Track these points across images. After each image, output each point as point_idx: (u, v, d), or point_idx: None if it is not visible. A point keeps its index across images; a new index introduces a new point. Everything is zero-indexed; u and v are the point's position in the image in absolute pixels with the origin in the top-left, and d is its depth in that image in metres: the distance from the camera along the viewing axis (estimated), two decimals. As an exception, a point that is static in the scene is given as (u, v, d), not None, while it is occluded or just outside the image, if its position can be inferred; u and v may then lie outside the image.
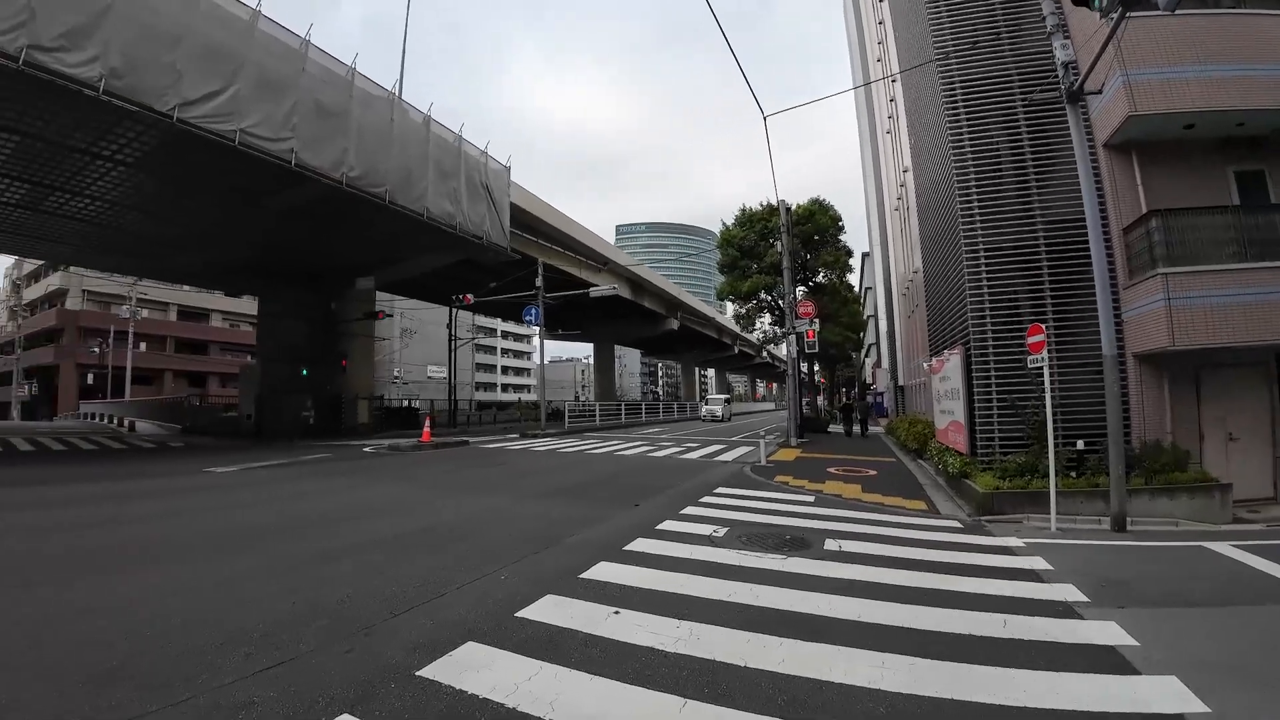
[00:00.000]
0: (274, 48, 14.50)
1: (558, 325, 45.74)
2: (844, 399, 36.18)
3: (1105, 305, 7.41)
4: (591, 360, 64.88)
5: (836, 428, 26.30)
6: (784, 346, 24.38)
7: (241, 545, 6.01)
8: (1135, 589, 4.79)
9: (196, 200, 17.87)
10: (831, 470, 12.60)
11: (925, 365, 15.49)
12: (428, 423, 20.04)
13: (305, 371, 23.47)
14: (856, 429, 24.37)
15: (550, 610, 4.12)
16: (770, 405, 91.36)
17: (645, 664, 3.33)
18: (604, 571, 5.07)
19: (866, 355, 47.09)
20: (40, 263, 44.64)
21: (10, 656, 3.31)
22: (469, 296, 25.39)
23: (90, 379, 43.58)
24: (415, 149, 18.31)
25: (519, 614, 4.04)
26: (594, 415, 32.73)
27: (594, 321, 45.19)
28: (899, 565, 5.41)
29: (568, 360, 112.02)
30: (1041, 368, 7.60)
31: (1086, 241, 7.83)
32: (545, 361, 28.60)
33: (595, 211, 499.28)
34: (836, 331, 30.16)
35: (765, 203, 27.72)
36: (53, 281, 47.56)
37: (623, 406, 37.87)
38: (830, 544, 6.19)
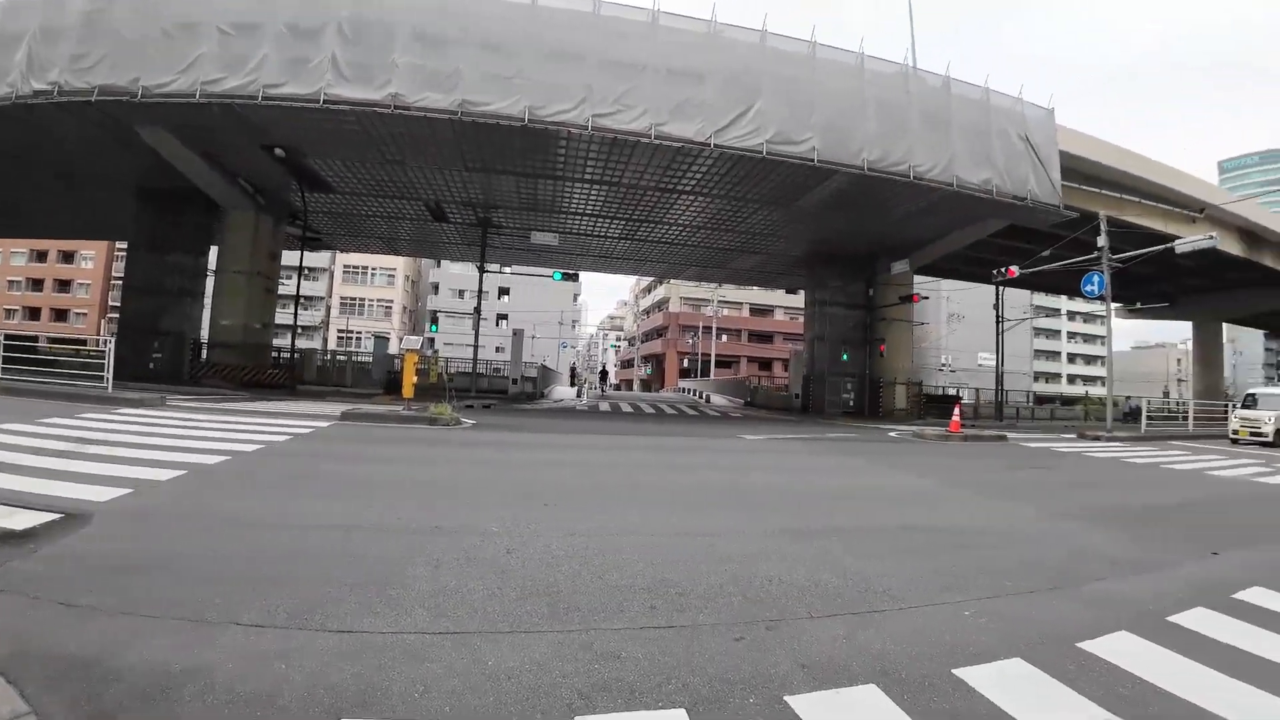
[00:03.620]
0: (786, 59, 16.01)
1: (1136, 297, 35.32)
2: None
3: None
4: (1190, 345, 47.58)
5: None
6: None
7: (713, 501, 6.72)
8: None
9: (745, 209, 21.37)
10: None
11: None
12: (957, 411, 18.34)
13: (845, 355, 25.64)
14: None
15: (1024, 679, 2.88)
16: None
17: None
18: (1119, 647, 3.25)
19: None
20: (650, 279, 64.37)
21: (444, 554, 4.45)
22: (1012, 269, 21.85)
23: (685, 363, 60.94)
24: (936, 115, 17.13)
25: (956, 671, 2.93)
26: (1186, 418, 24.24)
27: (1189, 292, 33.73)
28: None
29: (1157, 346, 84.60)
30: None
31: None
32: (1113, 346, 21.93)
33: (1191, 148, 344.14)
34: None
35: None
36: (659, 292, 68.30)
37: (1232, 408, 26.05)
38: None
